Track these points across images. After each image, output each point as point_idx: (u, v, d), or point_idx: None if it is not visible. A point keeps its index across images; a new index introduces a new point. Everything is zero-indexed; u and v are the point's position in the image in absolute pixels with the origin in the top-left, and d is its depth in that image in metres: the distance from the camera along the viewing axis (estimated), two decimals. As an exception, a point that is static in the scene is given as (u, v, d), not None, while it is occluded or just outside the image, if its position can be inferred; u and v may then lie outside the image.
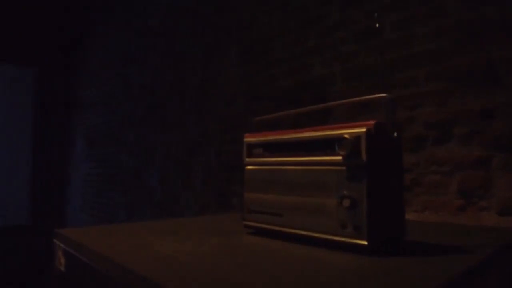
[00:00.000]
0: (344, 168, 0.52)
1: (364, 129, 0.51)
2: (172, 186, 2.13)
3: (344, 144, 0.51)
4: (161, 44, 2.34)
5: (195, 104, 2.00)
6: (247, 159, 0.66)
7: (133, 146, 2.54)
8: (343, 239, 0.52)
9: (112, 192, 2.75)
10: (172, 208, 2.12)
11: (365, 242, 0.50)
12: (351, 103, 0.58)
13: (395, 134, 0.53)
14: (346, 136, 0.52)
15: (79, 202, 3.39)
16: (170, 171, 2.15)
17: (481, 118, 0.99)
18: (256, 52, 1.66)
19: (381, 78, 1.14)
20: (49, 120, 3.75)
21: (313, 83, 1.40)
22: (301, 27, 1.47)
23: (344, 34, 1.31)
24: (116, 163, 2.73)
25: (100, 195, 2.94)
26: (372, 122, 0.51)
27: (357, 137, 0.51)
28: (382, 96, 0.53)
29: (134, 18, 2.70)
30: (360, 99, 0.56)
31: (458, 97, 1.03)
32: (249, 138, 0.66)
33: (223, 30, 1.86)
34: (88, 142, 3.22)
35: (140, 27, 2.60)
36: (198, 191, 1.94)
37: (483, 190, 0.97)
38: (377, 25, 0.78)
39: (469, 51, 1.01)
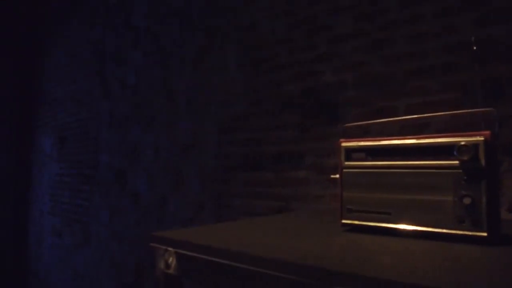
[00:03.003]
0: (460, 171, 0.61)
1: (482, 138, 0.59)
2: (161, 187, 2.09)
3: (465, 151, 0.59)
4: (145, 42, 2.28)
5: (187, 104, 1.99)
6: (346, 163, 0.72)
7: (115, 146, 2.44)
8: (462, 232, 0.60)
9: (90, 194, 2.61)
10: (160, 210, 2.08)
11: (485, 234, 0.58)
12: (450, 116, 0.66)
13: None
14: (463, 143, 0.60)
15: (46, 204, 3.15)
16: (158, 172, 2.11)
17: (490, 126, 1.14)
18: (258, 55, 1.71)
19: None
20: (12, 116, 3.43)
21: (322, 90, 1.49)
22: (309, 34, 1.55)
23: (356, 44, 1.41)
24: (94, 163, 2.60)
25: (75, 196, 2.78)
26: (487, 132, 0.60)
27: (475, 145, 0.59)
28: (488, 110, 0.62)
29: (111, 14, 2.59)
30: (463, 112, 0.64)
31: (468, 107, 1.17)
32: (346, 143, 0.72)
33: (218, 32, 1.88)
34: (59, 141, 3.02)
35: (119, 23, 2.51)
36: (192, 193, 1.93)
37: (492, 188, 1.12)
38: (474, 47, 0.88)
39: (479, 67, 1.16)
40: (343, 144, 0.72)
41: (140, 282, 2.19)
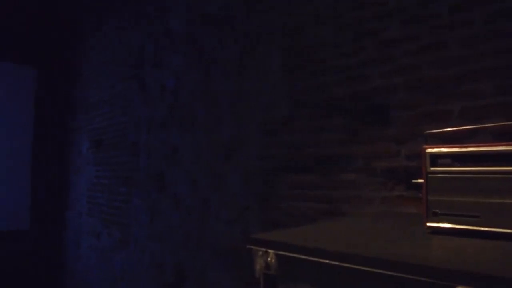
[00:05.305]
0: (554, 176, 0.64)
1: None
2: (202, 189, 2.14)
3: (561, 157, 0.62)
4: (185, 47, 2.34)
5: (229, 107, 2.04)
6: (431, 168, 0.75)
7: (154, 149, 2.51)
8: (557, 235, 0.63)
9: (128, 196, 2.68)
10: (202, 213, 2.14)
11: None
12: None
13: None
14: (557, 150, 0.63)
15: (84, 205, 3.26)
16: (200, 174, 2.16)
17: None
18: (303, 59, 1.74)
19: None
20: (50, 121, 3.57)
21: (371, 94, 1.51)
22: (356, 39, 1.57)
23: (405, 48, 1.43)
24: (133, 166, 2.68)
25: (112, 199, 2.86)
26: None
27: None
28: None
29: (150, 19, 2.66)
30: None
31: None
32: (431, 149, 0.75)
33: (261, 36, 1.92)
34: (95, 144, 3.11)
35: (158, 28, 2.57)
36: (235, 195, 1.98)
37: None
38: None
39: None
40: (428, 150, 0.75)
41: (181, 283, 2.25)
